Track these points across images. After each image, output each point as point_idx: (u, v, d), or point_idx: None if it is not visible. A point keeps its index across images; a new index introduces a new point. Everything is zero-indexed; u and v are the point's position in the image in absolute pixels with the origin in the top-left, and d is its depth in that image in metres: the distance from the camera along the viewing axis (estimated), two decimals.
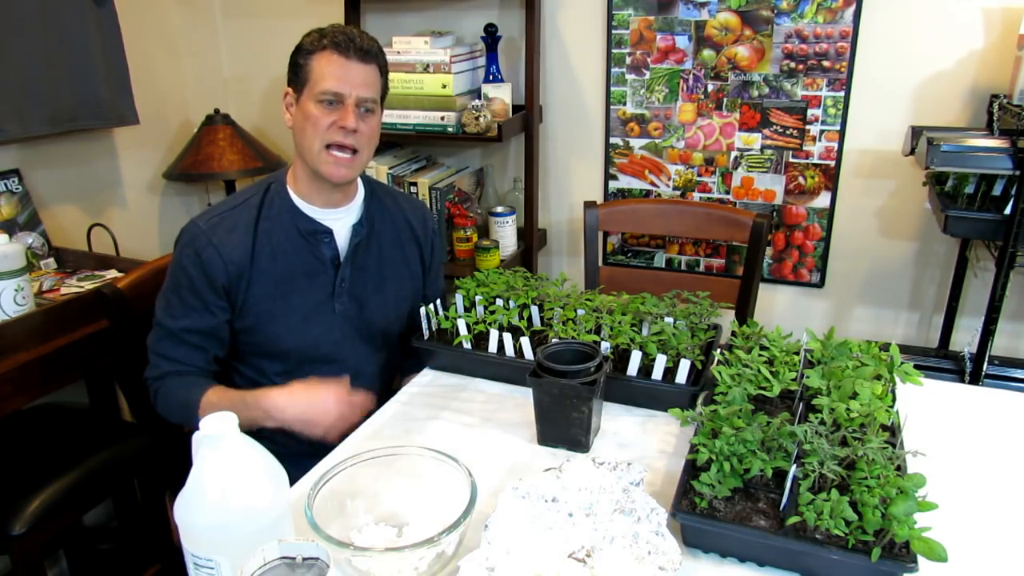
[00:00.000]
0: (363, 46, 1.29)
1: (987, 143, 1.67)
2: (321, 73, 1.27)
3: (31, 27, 1.92)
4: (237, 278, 1.32)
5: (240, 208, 1.35)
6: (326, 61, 1.28)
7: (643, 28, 2.15)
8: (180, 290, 1.31)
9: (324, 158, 1.30)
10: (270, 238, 1.34)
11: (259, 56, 2.63)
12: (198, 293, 1.31)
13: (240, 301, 1.33)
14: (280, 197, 1.37)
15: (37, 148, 2.05)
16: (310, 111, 1.28)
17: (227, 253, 1.30)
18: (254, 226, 1.34)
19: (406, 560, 0.84)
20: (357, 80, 1.29)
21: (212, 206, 1.37)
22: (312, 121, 1.28)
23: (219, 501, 0.80)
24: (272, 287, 1.34)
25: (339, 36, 1.28)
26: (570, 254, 2.49)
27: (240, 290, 1.32)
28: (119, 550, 2.08)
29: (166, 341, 1.33)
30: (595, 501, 0.89)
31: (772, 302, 2.28)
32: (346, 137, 1.29)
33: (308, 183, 1.36)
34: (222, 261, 1.30)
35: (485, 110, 2.10)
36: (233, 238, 1.32)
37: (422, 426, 1.24)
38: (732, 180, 2.20)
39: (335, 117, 1.28)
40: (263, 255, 1.33)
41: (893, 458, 0.93)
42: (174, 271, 1.33)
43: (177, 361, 1.33)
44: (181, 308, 1.32)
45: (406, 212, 1.52)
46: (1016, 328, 2.05)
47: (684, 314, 1.36)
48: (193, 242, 1.31)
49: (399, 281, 1.49)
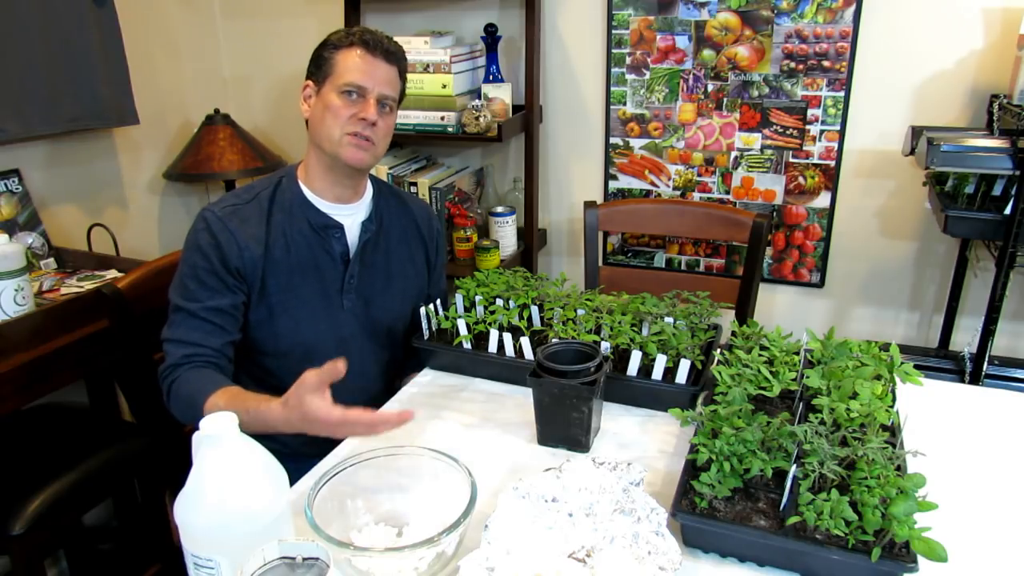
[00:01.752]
0: (389, 47, 1.35)
1: (987, 143, 1.66)
2: (347, 66, 1.31)
3: (31, 27, 1.92)
4: (252, 266, 1.32)
5: (252, 203, 1.35)
6: (353, 56, 1.32)
7: (643, 28, 2.15)
8: (198, 272, 1.31)
9: (345, 141, 1.32)
10: (283, 231, 1.35)
11: (259, 56, 2.63)
12: (217, 273, 1.30)
13: (256, 290, 1.33)
14: (291, 191, 1.38)
15: (37, 148, 2.05)
16: (332, 101, 1.31)
17: (243, 240, 1.31)
18: (267, 219, 1.35)
19: (406, 560, 0.84)
20: (381, 77, 1.33)
21: (223, 197, 1.38)
22: (333, 111, 1.31)
23: (219, 501, 0.80)
24: (285, 279, 1.35)
25: (367, 35, 1.33)
26: (570, 254, 2.49)
27: (256, 278, 1.33)
28: (119, 550, 2.08)
29: (183, 325, 1.30)
30: (595, 501, 0.89)
31: (772, 302, 2.28)
32: (365, 129, 1.32)
33: (322, 176, 1.37)
34: (238, 247, 1.31)
35: (485, 110, 2.10)
36: (247, 229, 1.32)
37: (422, 426, 1.24)
38: (732, 180, 2.20)
39: (356, 109, 1.32)
40: (277, 247, 1.34)
41: (893, 458, 0.93)
42: (189, 256, 1.32)
43: (194, 344, 1.30)
44: (201, 290, 1.30)
45: (413, 212, 1.53)
46: (1016, 328, 2.05)
47: (684, 314, 1.36)
48: (210, 227, 1.31)
49: (405, 280, 1.49)
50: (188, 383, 1.27)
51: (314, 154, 1.37)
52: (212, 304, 1.30)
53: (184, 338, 1.30)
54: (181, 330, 1.31)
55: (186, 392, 1.26)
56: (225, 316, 1.32)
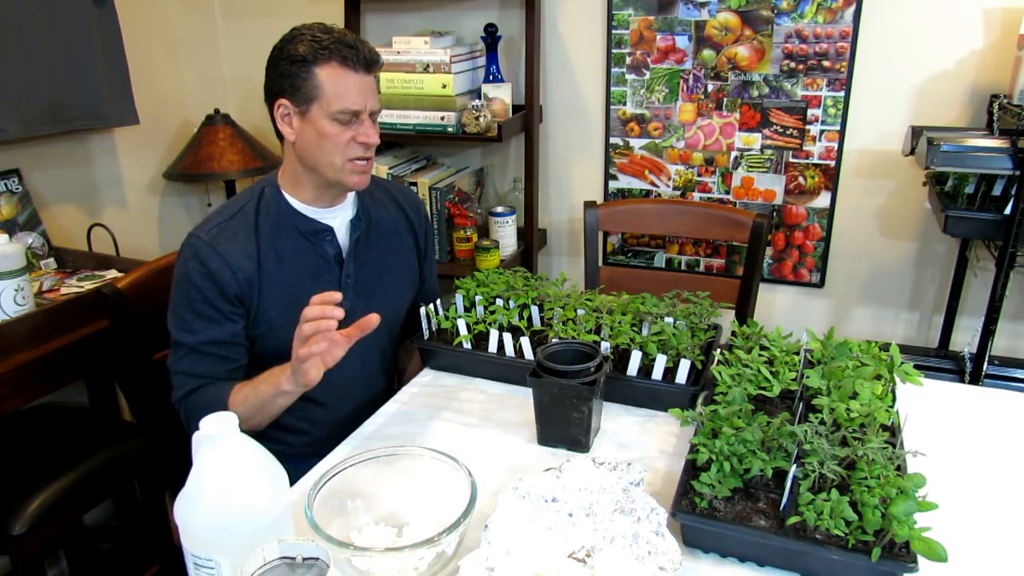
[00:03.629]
0: (367, 56, 1.26)
1: (987, 143, 1.67)
2: (335, 91, 1.24)
3: (31, 27, 1.92)
4: (248, 286, 1.28)
5: (237, 216, 1.31)
6: (336, 76, 1.24)
7: (643, 28, 2.15)
8: (193, 304, 1.27)
9: (349, 168, 1.29)
10: (272, 242, 1.31)
11: (259, 56, 2.57)
12: (211, 303, 1.27)
13: (254, 309, 1.30)
14: (275, 201, 1.34)
15: (37, 148, 2.05)
16: (326, 130, 1.25)
17: (234, 262, 1.27)
18: (255, 231, 1.31)
19: (406, 560, 0.84)
20: (369, 92, 1.28)
21: (207, 218, 1.33)
22: (331, 140, 1.26)
23: (219, 501, 0.80)
24: (282, 291, 1.31)
25: (343, 48, 1.24)
26: (570, 254, 2.49)
27: (253, 297, 1.29)
28: (119, 550, 2.08)
29: (187, 359, 1.28)
30: (595, 501, 0.89)
31: (772, 302, 2.28)
32: (367, 151, 1.29)
33: (314, 190, 1.34)
34: (231, 271, 1.27)
35: (485, 110, 2.10)
36: (236, 246, 1.28)
37: (422, 426, 1.24)
38: (732, 180, 2.20)
39: (352, 133, 1.27)
40: (268, 259, 1.30)
41: (893, 458, 0.93)
42: (181, 286, 1.28)
43: (202, 376, 1.28)
44: (198, 321, 1.27)
45: (398, 199, 1.51)
46: (1016, 328, 2.05)
47: (684, 314, 1.36)
48: (198, 254, 1.27)
49: (400, 270, 1.49)
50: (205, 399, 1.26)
51: (305, 174, 1.32)
52: (210, 337, 1.28)
53: (191, 371, 1.29)
54: (186, 363, 1.29)
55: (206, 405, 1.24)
56: (228, 346, 1.30)
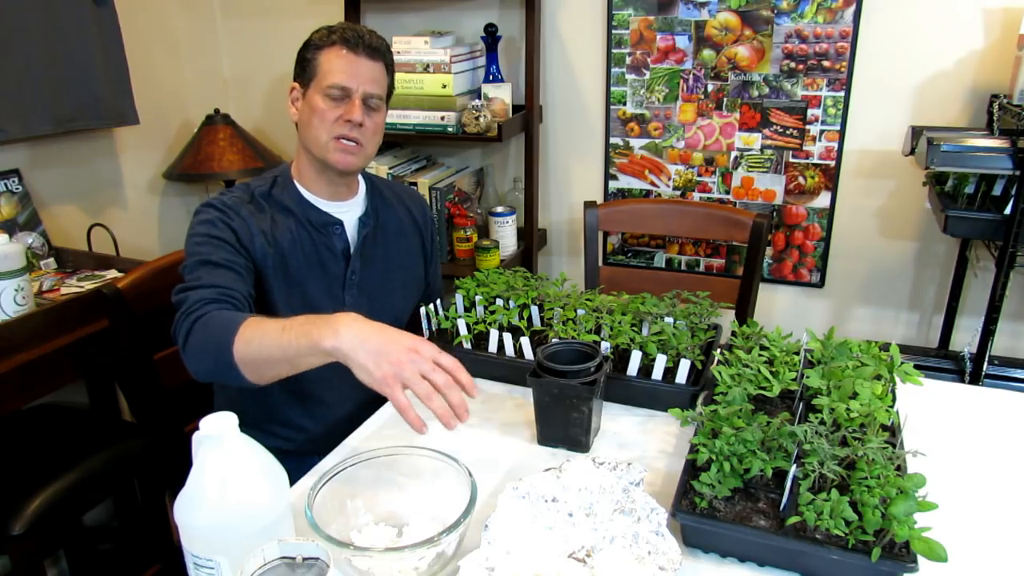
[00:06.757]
0: (372, 43, 1.32)
1: (987, 143, 1.67)
2: (329, 67, 1.29)
3: (31, 27, 1.93)
4: (262, 256, 1.30)
5: (251, 202, 1.34)
6: (335, 55, 1.30)
7: (643, 28, 2.15)
8: (212, 239, 1.25)
9: (332, 146, 1.31)
10: (284, 229, 1.34)
11: (259, 56, 2.63)
12: (230, 243, 1.26)
13: (262, 283, 1.31)
14: (288, 190, 1.37)
15: (37, 148, 2.06)
16: (317, 104, 1.30)
17: (253, 227, 1.29)
18: (267, 214, 1.34)
19: (406, 560, 0.84)
20: (364, 75, 1.31)
21: (223, 192, 1.35)
22: (319, 114, 1.30)
23: (219, 501, 0.80)
24: (287, 276, 1.33)
25: (348, 32, 1.30)
26: (570, 254, 2.49)
27: (265, 269, 1.30)
28: (119, 550, 2.08)
29: (203, 269, 1.21)
30: (595, 501, 0.89)
31: (772, 302, 2.28)
32: (352, 131, 1.31)
33: (314, 176, 1.37)
34: (250, 232, 1.28)
35: (485, 110, 2.10)
36: (253, 220, 1.31)
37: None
38: (732, 180, 2.20)
39: (341, 111, 1.30)
40: (278, 242, 1.32)
41: (893, 458, 0.93)
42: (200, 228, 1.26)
43: (224, 287, 1.19)
44: (220, 250, 1.24)
45: (406, 202, 1.54)
46: (1016, 328, 2.05)
47: (684, 314, 1.36)
48: (218, 208, 1.28)
49: (404, 271, 1.50)
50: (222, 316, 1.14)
51: (304, 156, 1.37)
52: (230, 258, 1.25)
53: (213, 282, 1.20)
54: (207, 277, 1.20)
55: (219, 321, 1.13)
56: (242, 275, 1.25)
